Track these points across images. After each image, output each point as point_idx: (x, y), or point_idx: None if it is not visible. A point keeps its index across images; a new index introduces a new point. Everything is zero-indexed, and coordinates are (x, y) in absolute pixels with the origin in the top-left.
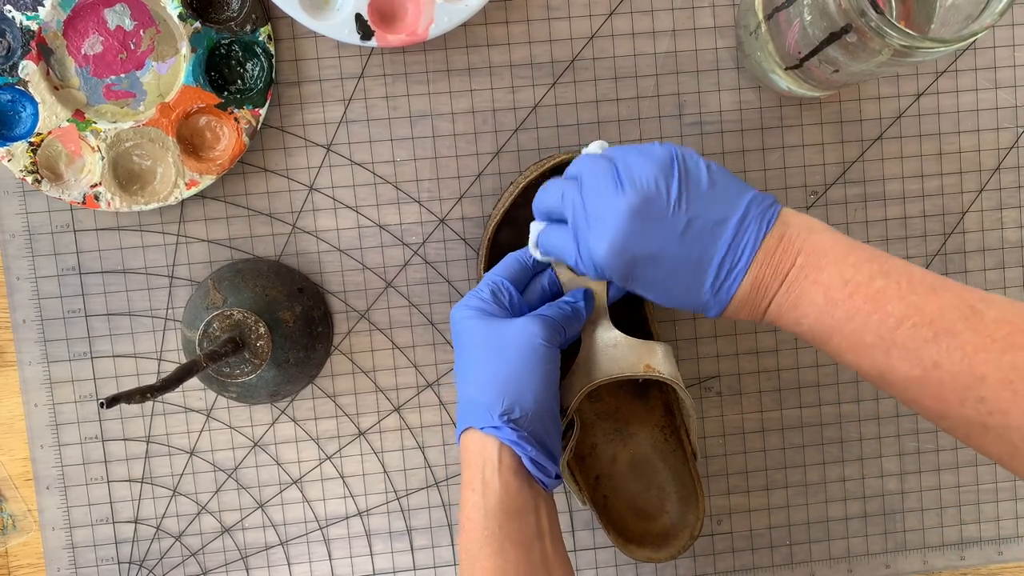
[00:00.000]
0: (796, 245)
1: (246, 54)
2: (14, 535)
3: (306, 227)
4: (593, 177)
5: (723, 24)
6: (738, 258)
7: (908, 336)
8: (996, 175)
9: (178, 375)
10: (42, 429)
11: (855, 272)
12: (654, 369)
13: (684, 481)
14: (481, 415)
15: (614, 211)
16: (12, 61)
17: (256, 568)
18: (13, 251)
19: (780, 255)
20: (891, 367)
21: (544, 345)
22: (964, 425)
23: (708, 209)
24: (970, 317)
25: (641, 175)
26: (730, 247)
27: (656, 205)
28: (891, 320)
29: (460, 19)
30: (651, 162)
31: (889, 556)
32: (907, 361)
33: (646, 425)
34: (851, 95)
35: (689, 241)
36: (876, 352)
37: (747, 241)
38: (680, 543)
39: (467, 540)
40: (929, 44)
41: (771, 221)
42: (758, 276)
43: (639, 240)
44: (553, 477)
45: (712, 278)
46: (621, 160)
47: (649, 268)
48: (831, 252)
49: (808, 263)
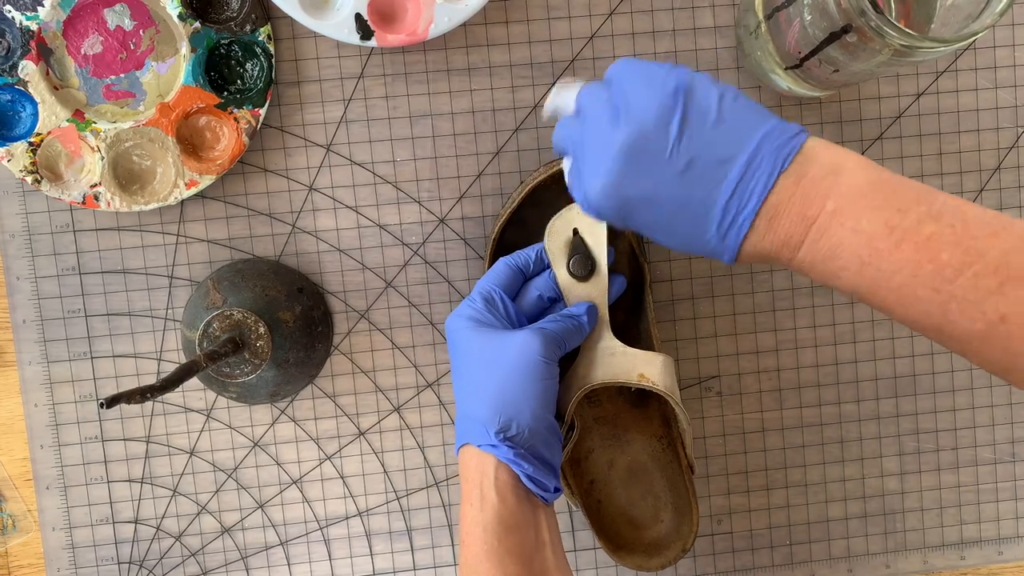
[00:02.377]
0: (823, 187)
1: (246, 54)
2: (14, 535)
3: (306, 227)
4: (592, 108)
5: (723, 24)
6: (745, 201)
7: (969, 287)
8: (996, 175)
9: (178, 375)
10: (42, 429)
11: (901, 217)
12: (648, 379)
13: (680, 492)
14: (478, 432)
15: (607, 147)
16: (12, 61)
17: (256, 568)
18: (13, 251)
19: (801, 198)
20: (950, 322)
21: (543, 361)
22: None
23: (713, 146)
24: None
25: (639, 106)
26: (736, 189)
27: (653, 142)
28: (947, 271)
29: (460, 19)
30: (652, 91)
31: (889, 556)
32: (968, 315)
33: (644, 434)
34: (851, 95)
35: (689, 182)
36: (931, 307)
37: (756, 182)
38: (672, 553)
39: (468, 554)
40: (929, 44)
41: (788, 158)
42: (774, 222)
43: (634, 180)
44: (552, 491)
45: (716, 222)
46: (620, 87)
47: (646, 211)
48: (870, 195)
49: (842, 207)
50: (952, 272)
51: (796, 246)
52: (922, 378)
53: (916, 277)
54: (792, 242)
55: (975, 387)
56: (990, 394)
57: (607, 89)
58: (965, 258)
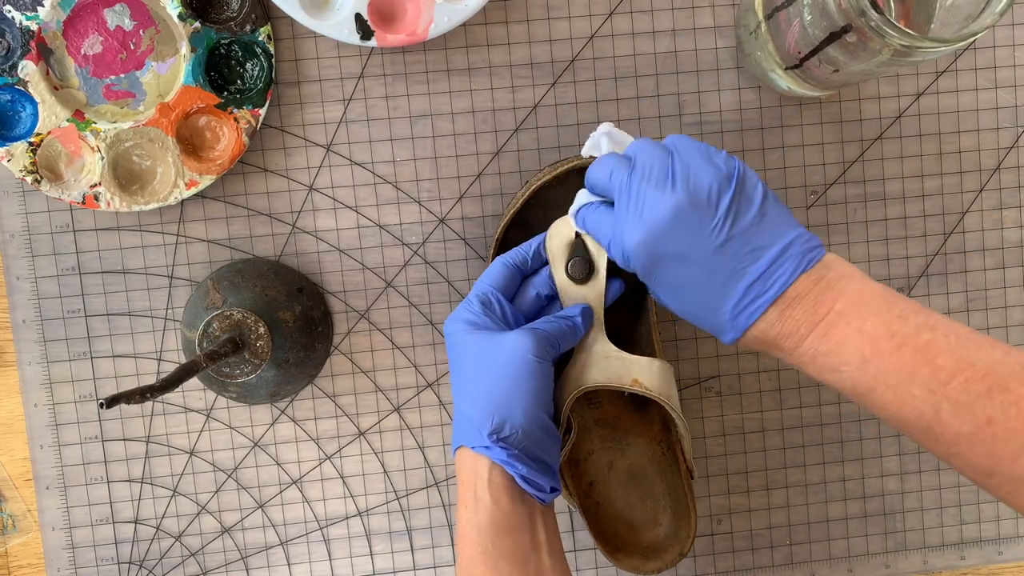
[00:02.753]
0: (836, 290)
1: (246, 54)
2: (14, 535)
3: (306, 227)
4: (647, 164)
5: (723, 24)
6: (767, 287)
7: (960, 390)
8: (996, 175)
9: (178, 375)
10: (42, 429)
11: (902, 324)
12: (641, 384)
13: (679, 496)
14: (472, 433)
15: (658, 205)
16: (12, 61)
17: (256, 568)
18: (13, 251)
19: (816, 297)
20: (940, 422)
21: (535, 360)
22: (1013, 483)
23: (752, 234)
24: (1020, 374)
25: (697, 178)
26: (762, 275)
27: (702, 213)
28: (942, 374)
29: (460, 19)
30: (711, 168)
31: (889, 556)
32: (958, 416)
33: (644, 437)
34: (851, 95)
35: (723, 257)
36: (924, 406)
37: (781, 274)
38: (669, 557)
39: (462, 556)
40: (929, 44)
41: (812, 262)
42: (787, 312)
43: (674, 241)
44: (548, 491)
45: (736, 300)
46: (680, 155)
47: (675, 270)
48: (875, 302)
49: (850, 310)
50: (946, 375)
51: (801, 338)
52: None
53: (914, 377)
54: (798, 334)
55: None
56: None
57: (665, 152)
58: (958, 365)
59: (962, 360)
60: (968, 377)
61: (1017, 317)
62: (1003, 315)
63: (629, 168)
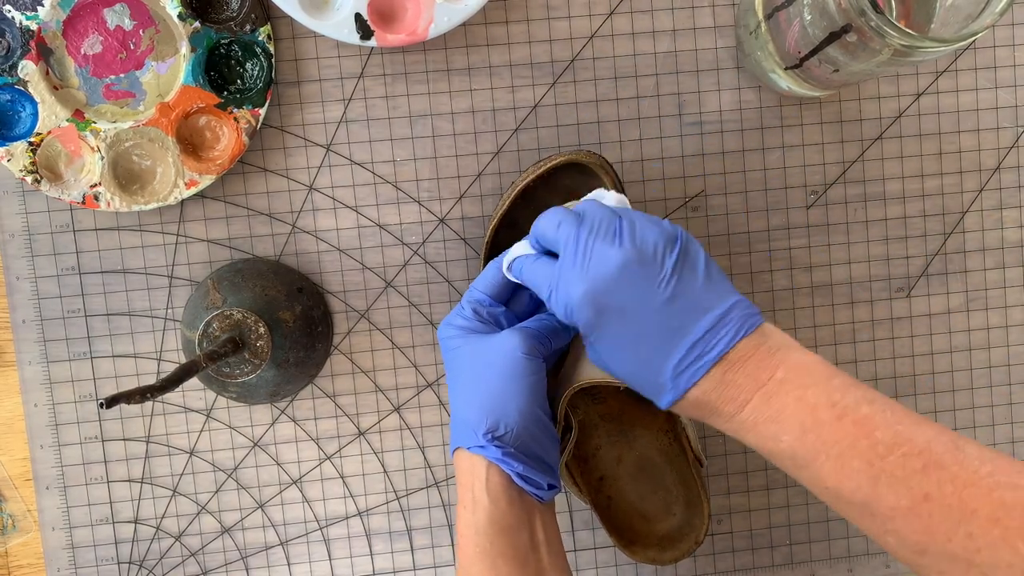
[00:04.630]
0: (777, 357)
1: (246, 54)
2: (14, 535)
3: (306, 227)
4: (595, 219)
5: (723, 24)
6: (711, 346)
7: (898, 465)
8: (996, 175)
9: (178, 375)
10: (42, 429)
11: (842, 395)
12: None
13: (690, 485)
14: (467, 434)
15: (605, 258)
16: (12, 61)
17: (256, 568)
18: (13, 251)
19: (757, 362)
20: (878, 496)
21: (525, 357)
22: (946, 561)
23: (695, 295)
24: (955, 452)
25: (644, 236)
26: (705, 334)
27: (648, 268)
28: (880, 447)
29: (460, 19)
30: (657, 230)
31: (889, 556)
32: (895, 491)
33: (650, 429)
34: (851, 95)
35: (667, 314)
36: (862, 478)
37: (725, 334)
38: (685, 546)
39: (461, 556)
40: (929, 44)
41: (752, 327)
42: (728, 375)
43: (619, 294)
44: (546, 489)
45: (679, 358)
46: (627, 216)
47: (618, 325)
48: (815, 372)
49: (790, 378)
50: (884, 449)
51: (742, 405)
52: (922, 378)
53: (853, 448)
54: (738, 400)
55: (975, 387)
56: (990, 394)
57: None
58: (895, 439)
59: (899, 435)
60: (906, 452)
61: (1017, 317)
62: (1003, 315)
63: (577, 222)
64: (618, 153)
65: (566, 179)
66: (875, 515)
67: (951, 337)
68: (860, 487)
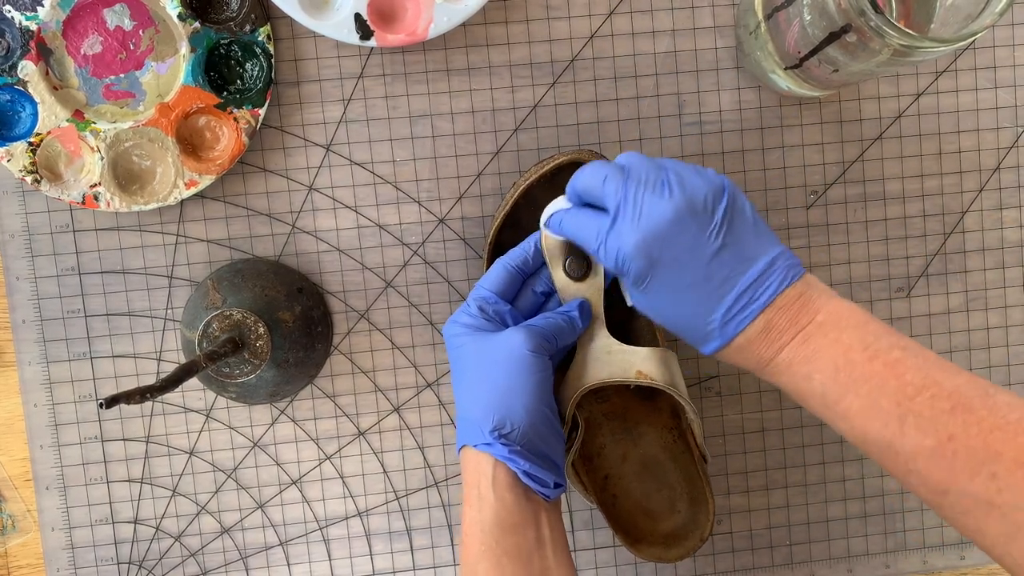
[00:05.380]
0: (817, 303)
1: (245, 54)
2: (14, 535)
3: (305, 227)
4: (642, 171)
5: (723, 24)
6: (758, 295)
7: (926, 405)
8: (996, 175)
9: (177, 375)
10: (42, 429)
11: (875, 339)
12: (646, 375)
13: (695, 482)
14: (474, 432)
15: (657, 210)
16: (11, 61)
17: (256, 568)
18: (13, 251)
19: (799, 308)
20: (903, 434)
21: (531, 354)
22: (968, 501)
23: (744, 244)
24: (984, 397)
25: (693, 187)
26: (753, 283)
27: (699, 219)
28: (909, 388)
29: (460, 19)
30: (705, 181)
31: (889, 556)
32: (921, 430)
33: (655, 426)
34: (851, 95)
35: (717, 265)
36: (890, 418)
37: (770, 283)
38: (690, 544)
39: (466, 554)
40: (929, 44)
41: (796, 277)
42: (772, 320)
43: (671, 245)
44: (552, 487)
45: (727, 306)
46: (674, 168)
47: (669, 275)
48: (851, 317)
49: (828, 322)
50: (913, 390)
51: (781, 347)
52: None
53: (882, 388)
54: (779, 343)
55: None
56: None
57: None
58: (924, 382)
59: (929, 378)
60: (934, 394)
61: (1017, 317)
62: (1003, 315)
63: (624, 175)
64: (618, 153)
65: (566, 178)
66: (899, 454)
67: (951, 337)
68: (886, 425)
